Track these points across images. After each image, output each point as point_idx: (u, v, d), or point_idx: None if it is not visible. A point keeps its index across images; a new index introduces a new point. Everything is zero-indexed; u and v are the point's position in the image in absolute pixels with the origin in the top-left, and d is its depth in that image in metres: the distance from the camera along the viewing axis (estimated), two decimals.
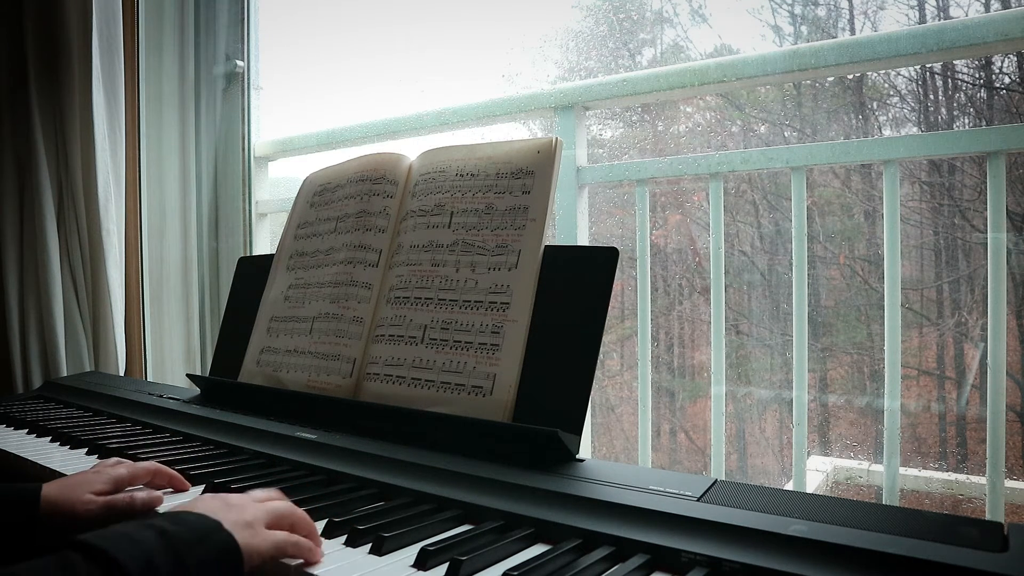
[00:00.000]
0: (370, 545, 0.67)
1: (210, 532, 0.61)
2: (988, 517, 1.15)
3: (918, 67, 1.81)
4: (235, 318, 1.45)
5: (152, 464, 0.87)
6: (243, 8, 2.05)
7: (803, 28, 2.00)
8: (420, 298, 1.11)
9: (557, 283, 1.00)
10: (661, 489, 0.73)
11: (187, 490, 0.86)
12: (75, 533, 0.60)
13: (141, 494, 0.78)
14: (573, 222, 1.54)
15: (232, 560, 0.61)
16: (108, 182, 1.73)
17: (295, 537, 0.66)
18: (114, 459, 0.89)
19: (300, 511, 0.71)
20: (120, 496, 0.78)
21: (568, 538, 0.68)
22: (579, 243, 1.54)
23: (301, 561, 0.65)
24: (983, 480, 1.19)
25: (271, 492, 0.74)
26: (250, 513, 0.66)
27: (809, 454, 1.56)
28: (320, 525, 0.72)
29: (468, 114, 1.71)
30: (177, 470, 0.87)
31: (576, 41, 2.22)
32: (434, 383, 1.04)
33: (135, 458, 0.93)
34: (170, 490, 0.86)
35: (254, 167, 2.06)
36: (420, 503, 0.79)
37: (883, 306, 1.25)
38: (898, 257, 1.23)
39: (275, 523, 0.67)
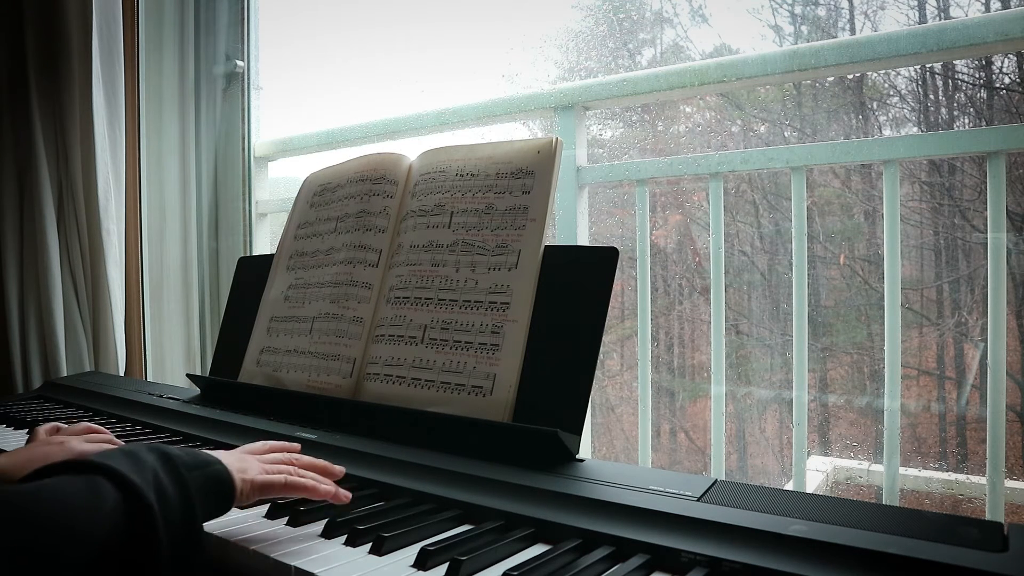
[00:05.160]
0: (370, 545, 0.67)
1: (208, 463, 0.68)
2: (988, 517, 1.15)
3: (918, 67, 1.81)
4: (235, 318, 1.45)
5: (93, 429, 0.94)
6: (243, 8, 2.05)
7: (803, 28, 2.00)
8: (420, 298, 1.11)
9: (557, 283, 1.00)
10: (661, 489, 0.73)
11: None
12: None
13: None
14: (573, 222, 1.54)
15: (225, 487, 0.68)
16: (108, 182, 1.73)
17: (294, 477, 0.73)
18: (50, 424, 0.95)
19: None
20: None
21: (568, 538, 0.68)
22: (579, 243, 1.54)
23: (301, 560, 0.65)
24: (983, 480, 1.19)
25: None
26: (250, 461, 0.74)
27: (809, 454, 1.56)
28: (320, 525, 0.73)
29: (468, 114, 1.70)
30: None
31: (576, 41, 2.22)
32: (434, 383, 1.04)
33: None
34: None
35: (254, 167, 2.06)
36: (420, 503, 0.79)
37: (883, 306, 1.25)
38: (898, 257, 1.23)
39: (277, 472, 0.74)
